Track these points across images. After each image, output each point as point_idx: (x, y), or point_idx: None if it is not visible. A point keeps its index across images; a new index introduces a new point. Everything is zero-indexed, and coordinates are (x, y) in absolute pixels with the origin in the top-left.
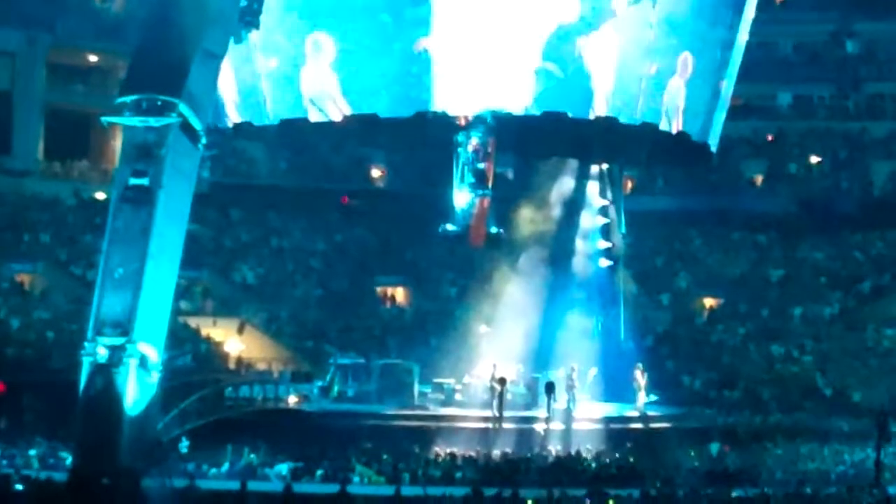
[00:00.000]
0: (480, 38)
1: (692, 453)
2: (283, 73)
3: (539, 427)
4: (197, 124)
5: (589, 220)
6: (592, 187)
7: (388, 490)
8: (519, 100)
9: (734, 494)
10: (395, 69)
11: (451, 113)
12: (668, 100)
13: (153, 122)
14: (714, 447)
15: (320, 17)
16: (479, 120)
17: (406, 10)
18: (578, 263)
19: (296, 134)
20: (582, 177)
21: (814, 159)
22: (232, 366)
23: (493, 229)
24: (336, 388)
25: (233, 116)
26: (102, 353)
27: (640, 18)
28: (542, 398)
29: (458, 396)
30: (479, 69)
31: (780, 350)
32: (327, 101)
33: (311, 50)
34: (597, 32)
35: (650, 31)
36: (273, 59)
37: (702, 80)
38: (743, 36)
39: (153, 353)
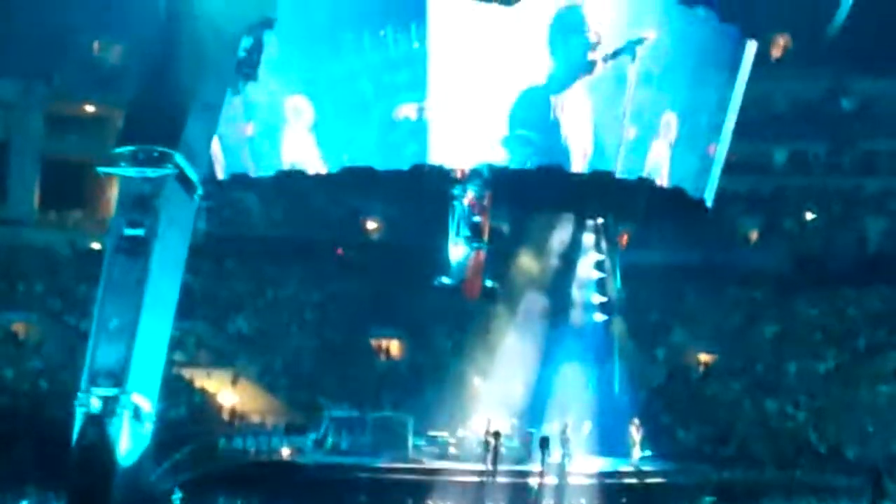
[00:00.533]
0: (467, 98)
1: None
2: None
3: (533, 481)
4: (193, 175)
5: (584, 273)
6: (588, 241)
7: None
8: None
9: None
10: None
11: (447, 166)
12: (651, 162)
13: (149, 172)
14: (707, 500)
15: (299, 83)
16: (475, 173)
17: (384, 77)
18: (574, 317)
19: (291, 185)
20: (577, 230)
21: (809, 215)
22: (226, 417)
23: (489, 282)
24: (330, 441)
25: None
26: (96, 404)
27: (618, 75)
28: (536, 452)
29: (452, 450)
30: (470, 127)
31: (774, 406)
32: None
33: (291, 114)
34: (570, 91)
35: (629, 90)
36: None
37: (689, 143)
38: (737, 96)
39: (146, 404)
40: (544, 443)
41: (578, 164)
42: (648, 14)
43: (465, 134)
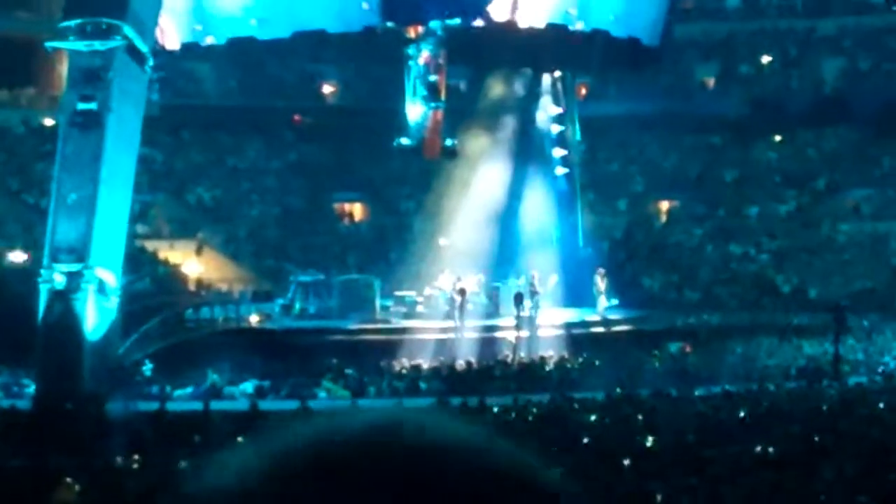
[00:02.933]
0: None
1: (654, 353)
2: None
3: (510, 336)
4: (143, 46)
5: (543, 127)
6: (545, 95)
7: (348, 404)
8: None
9: (696, 393)
10: None
11: (400, 26)
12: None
13: (98, 45)
14: (674, 347)
15: None
16: (429, 32)
17: None
18: (534, 172)
19: (244, 53)
20: (535, 86)
21: (764, 59)
22: (192, 287)
23: (448, 142)
24: (298, 306)
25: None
26: (60, 280)
27: None
28: (503, 307)
29: (419, 309)
30: None
31: (737, 249)
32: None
33: None
34: None
35: None
36: None
37: None
38: None
39: (111, 278)
40: (519, 299)
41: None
42: None
43: None
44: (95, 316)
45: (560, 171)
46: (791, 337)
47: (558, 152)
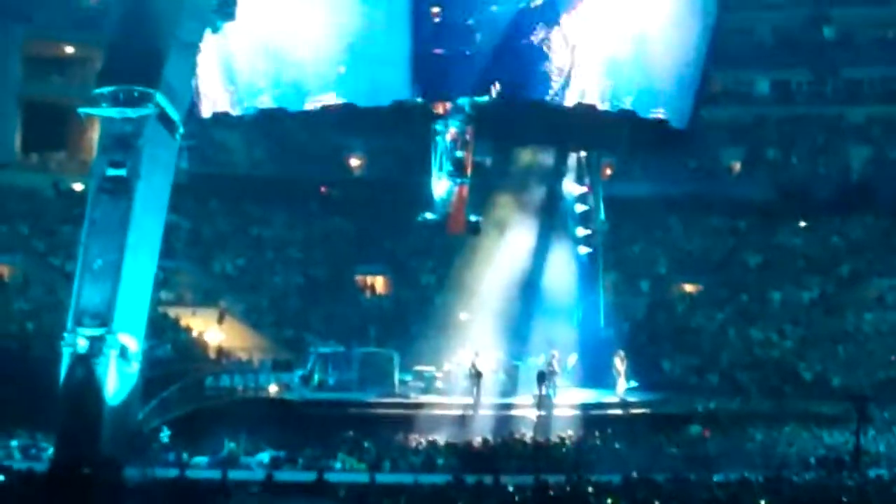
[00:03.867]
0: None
1: (673, 438)
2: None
3: (532, 414)
4: (174, 114)
5: (568, 206)
6: (571, 174)
7: (365, 477)
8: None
9: (715, 479)
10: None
11: (429, 102)
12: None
13: (130, 112)
14: (694, 429)
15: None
16: (457, 108)
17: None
18: (558, 251)
19: (273, 123)
20: (560, 164)
21: (792, 145)
22: (212, 355)
23: (472, 217)
24: (317, 377)
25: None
26: (83, 344)
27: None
28: (522, 385)
29: (438, 384)
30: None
31: (759, 335)
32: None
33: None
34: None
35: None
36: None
37: (672, 73)
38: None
39: (133, 344)
40: (541, 377)
41: (574, 97)
42: None
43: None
44: (116, 381)
45: (583, 250)
46: (812, 426)
47: (582, 231)
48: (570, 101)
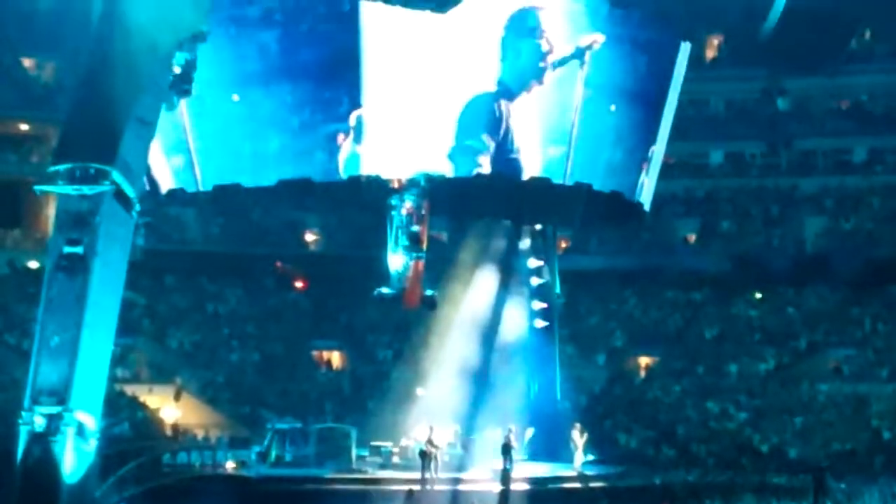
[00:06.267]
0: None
1: None
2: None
3: (493, 488)
4: (130, 192)
5: (524, 280)
6: (526, 247)
7: None
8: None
9: None
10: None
11: (384, 176)
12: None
13: (87, 190)
14: None
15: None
16: (412, 183)
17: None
18: (513, 324)
19: (228, 198)
20: (516, 238)
21: (746, 216)
22: (169, 432)
23: (428, 291)
24: (274, 453)
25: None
26: (40, 422)
27: (565, 81)
28: (479, 459)
29: (395, 459)
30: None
31: (715, 407)
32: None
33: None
34: (521, 98)
35: (578, 92)
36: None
37: (627, 147)
38: (673, 99)
39: (90, 422)
40: (506, 449)
41: (530, 171)
42: (590, 18)
43: (405, 144)
44: (74, 459)
45: (539, 323)
46: (769, 498)
47: (538, 305)
48: (525, 175)
